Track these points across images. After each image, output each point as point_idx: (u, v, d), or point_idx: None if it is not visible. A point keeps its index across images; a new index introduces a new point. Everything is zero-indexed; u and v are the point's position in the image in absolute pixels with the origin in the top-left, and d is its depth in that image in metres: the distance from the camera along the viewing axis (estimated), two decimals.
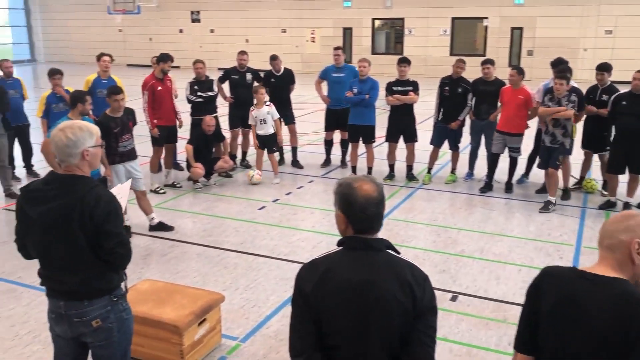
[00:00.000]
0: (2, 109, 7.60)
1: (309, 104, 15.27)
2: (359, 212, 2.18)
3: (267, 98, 8.82)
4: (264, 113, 8.53)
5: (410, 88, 8.20)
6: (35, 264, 5.70)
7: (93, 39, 30.28)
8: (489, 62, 8.29)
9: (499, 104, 8.12)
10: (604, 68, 7.66)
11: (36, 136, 9.06)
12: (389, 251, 2.21)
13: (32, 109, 8.68)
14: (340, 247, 2.24)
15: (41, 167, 9.13)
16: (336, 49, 9.09)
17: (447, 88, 8.28)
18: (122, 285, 2.99)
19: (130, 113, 6.47)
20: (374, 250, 2.19)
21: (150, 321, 3.94)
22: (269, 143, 8.63)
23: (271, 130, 8.62)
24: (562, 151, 7.32)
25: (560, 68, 7.52)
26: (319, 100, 9.68)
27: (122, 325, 2.97)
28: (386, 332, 2.13)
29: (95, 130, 2.85)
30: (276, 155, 8.95)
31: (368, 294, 2.11)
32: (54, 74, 8.21)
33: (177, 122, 8.55)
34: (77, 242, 2.72)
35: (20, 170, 8.97)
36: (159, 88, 8.17)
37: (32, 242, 2.83)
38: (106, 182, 2.69)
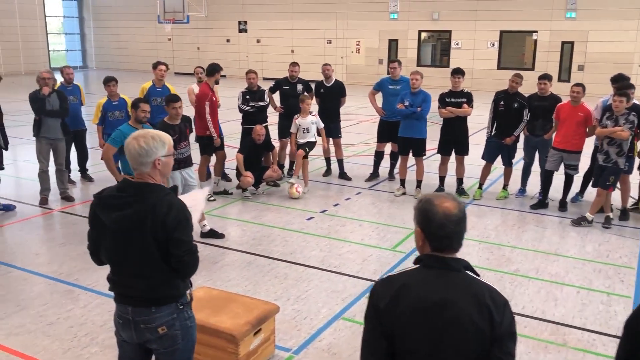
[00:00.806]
0: (63, 114, 7.83)
1: (353, 114, 15.28)
2: (437, 228, 2.14)
3: (314, 108, 8.82)
4: (308, 122, 8.59)
5: (464, 100, 8.09)
6: (91, 267, 5.82)
7: (142, 47, 31.13)
8: (546, 77, 8.10)
9: (554, 120, 7.92)
10: None
11: (91, 141, 9.30)
12: (468, 272, 2.15)
13: (89, 114, 8.93)
14: (417, 265, 2.20)
15: (94, 171, 9.39)
16: (392, 61, 9.06)
17: (502, 103, 8.12)
18: (187, 293, 3.01)
19: (187, 121, 6.58)
20: (452, 270, 2.13)
21: (206, 329, 3.95)
22: (302, 148, 8.65)
23: (312, 140, 8.64)
24: (614, 171, 7.07)
25: (621, 85, 7.29)
26: (362, 111, 9.65)
27: (186, 333, 2.98)
28: (460, 354, 2.07)
29: (168, 140, 2.89)
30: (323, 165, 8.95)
31: (443, 314, 2.06)
32: (109, 81, 8.42)
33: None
34: (149, 248, 2.75)
35: (74, 174, 9.21)
36: (214, 99, 8.28)
37: (105, 248, 2.87)
38: (177, 191, 2.71)
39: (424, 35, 25.06)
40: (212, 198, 8.25)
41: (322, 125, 8.72)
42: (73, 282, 5.59)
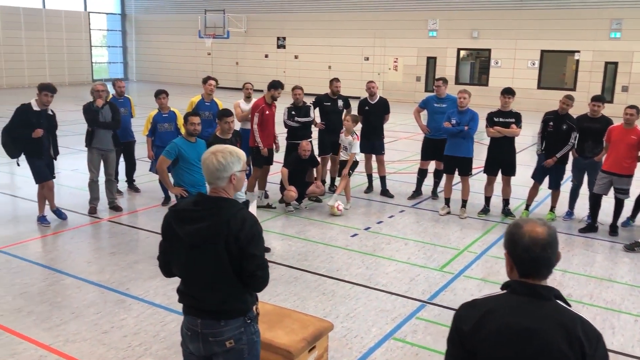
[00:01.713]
0: (115, 126, 8.01)
1: (391, 131, 15.24)
2: (522, 252, 2.10)
3: (356, 129, 8.79)
4: (347, 142, 8.62)
5: (513, 120, 8.00)
6: (141, 277, 5.94)
7: (182, 60, 31.76)
8: (600, 99, 7.95)
9: (604, 142, 7.77)
10: None
11: (139, 153, 9.48)
12: (558, 302, 2.09)
13: (138, 125, 9.11)
14: (504, 291, 2.16)
15: (141, 182, 9.56)
16: (437, 80, 9.02)
17: (551, 123, 8.00)
18: (254, 307, 3.03)
19: (237, 135, 6.66)
20: (541, 298, 2.07)
21: (262, 344, 3.94)
22: (340, 168, 8.67)
23: (355, 159, 8.63)
24: None
25: None
26: (400, 128, 9.63)
27: (252, 347, 2.99)
28: None
29: (243, 155, 2.94)
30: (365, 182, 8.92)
31: (530, 343, 2.01)
32: (160, 93, 8.61)
33: (274, 146, 8.71)
34: (221, 262, 2.78)
35: (121, 184, 9.39)
36: (267, 112, 8.37)
37: (177, 260, 2.91)
38: (249, 205, 2.76)
39: (462, 53, 24.95)
40: (273, 206, 8.46)
41: (354, 150, 8.60)
42: (124, 292, 5.67)
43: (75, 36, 30.72)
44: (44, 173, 7.43)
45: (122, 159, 9.12)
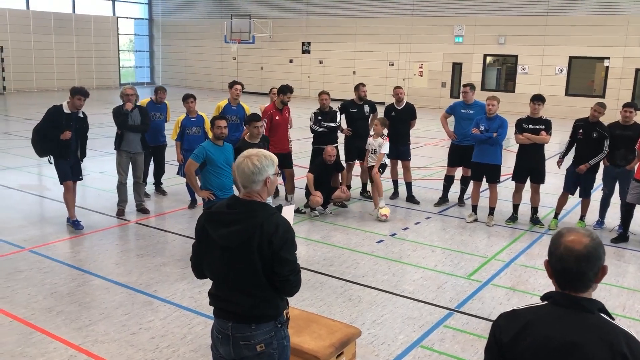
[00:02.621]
0: (144, 129, 8.11)
1: (417, 137, 15.14)
2: (556, 262, 2.06)
3: (385, 131, 8.75)
4: (376, 144, 8.54)
5: (542, 127, 7.88)
6: (168, 279, 5.98)
7: (208, 65, 32.08)
8: (632, 105, 7.80)
9: (637, 150, 7.61)
10: None
11: (168, 156, 9.57)
12: (602, 315, 2.02)
13: (169, 129, 9.19)
14: (545, 302, 2.11)
15: (168, 185, 9.64)
16: (464, 85, 8.95)
17: (581, 131, 7.87)
18: (285, 312, 3.02)
19: (265, 140, 6.69)
20: (584, 311, 2.01)
21: (291, 349, 3.94)
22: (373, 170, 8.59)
23: (383, 162, 8.58)
24: None
25: None
26: (425, 134, 9.56)
27: (282, 352, 2.98)
28: None
29: (276, 159, 2.95)
30: (391, 187, 8.85)
31: (572, 358, 1.95)
32: (188, 97, 8.70)
33: (289, 150, 8.72)
34: (254, 266, 2.78)
35: (149, 187, 9.49)
36: (277, 117, 8.42)
37: (210, 262, 2.92)
38: (281, 210, 2.76)
39: (489, 59, 24.74)
40: (302, 210, 8.46)
41: (385, 150, 8.56)
42: (152, 294, 5.71)
43: (103, 41, 31.25)
44: (64, 173, 7.43)
45: (151, 162, 9.21)
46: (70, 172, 7.49)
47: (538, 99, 7.95)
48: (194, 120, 8.53)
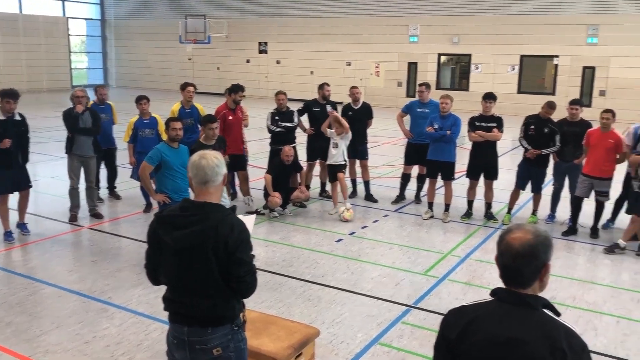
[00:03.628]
0: (95, 132, 7.91)
1: (374, 136, 15.28)
2: (498, 258, 2.11)
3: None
4: (338, 139, 8.57)
5: (494, 124, 8.07)
6: (123, 285, 5.86)
7: (163, 66, 31.56)
8: (578, 102, 8.07)
9: (584, 146, 7.86)
10: None
11: (119, 159, 9.37)
12: (546, 311, 2.06)
13: (116, 132, 9.01)
14: (492, 298, 2.15)
15: (122, 189, 9.45)
16: (420, 85, 9.06)
17: (532, 127, 8.08)
18: (241, 315, 3.00)
19: (221, 141, 6.62)
20: (527, 307, 2.04)
21: (249, 352, 3.90)
22: (337, 170, 8.63)
23: (342, 162, 8.64)
24: None
25: None
26: (383, 133, 9.66)
27: (239, 355, 2.96)
28: None
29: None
30: (349, 186, 8.90)
31: (514, 354, 1.98)
32: (141, 99, 8.53)
33: (244, 151, 8.66)
34: (210, 268, 2.75)
35: (102, 191, 9.27)
36: (230, 117, 8.36)
37: (165, 267, 2.87)
38: (235, 211, 2.75)
39: (443, 58, 25.16)
40: (261, 211, 8.40)
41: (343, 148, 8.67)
42: (107, 300, 5.58)
43: (53, 42, 30.34)
44: (2, 186, 7.00)
45: (102, 166, 9.01)
46: (9, 184, 7.04)
47: (489, 97, 8.13)
48: (147, 122, 8.38)
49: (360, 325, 5.19)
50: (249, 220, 3.61)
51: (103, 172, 9.12)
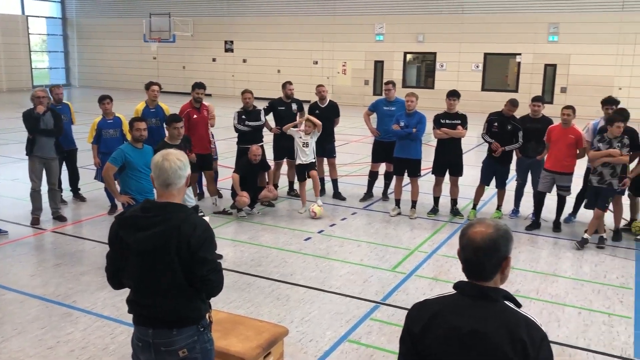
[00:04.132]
0: (57, 133, 7.74)
1: (342, 135, 15.34)
2: (460, 252, 2.15)
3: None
4: (308, 137, 8.60)
5: (459, 122, 8.19)
6: (88, 289, 5.76)
7: (127, 65, 31.06)
8: (540, 99, 8.25)
9: (546, 142, 8.04)
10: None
11: (82, 161, 9.19)
12: (507, 302, 2.10)
13: (79, 132, 8.83)
14: (455, 291, 2.18)
15: (86, 190, 9.27)
16: (387, 83, 9.12)
17: (495, 124, 8.23)
18: (207, 315, 2.98)
19: (187, 140, 6.55)
20: (488, 300, 2.09)
21: (217, 353, 3.87)
22: (309, 169, 8.64)
23: (313, 160, 8.66)
24: (610, 192, 7.20)
25: (620, 109, 7.48)
26: (351, 131, 9.71)
27: (206, 356, 2.94)
28: None
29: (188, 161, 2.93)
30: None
31: (476, 346, 2.02)
32: (104, 99, 8.37)
33: (211, 151, 8.59)
34: (174, 268, 2.73)
35: (66, 193, 9.09)
36: (194, 116, 8.29)
37: (128, 269, 2.83)
38: (198, 210, 2.73)
39: (409, 57, 25.41)
40: (229, 211, 8.39)
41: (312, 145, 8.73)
42: (71, 304, 5.47)
43: (12, 40, 29.55)
44: None
45: (64, 168, 8.82)
46: None
47: (453, 95, 8.25)
48: (111, 122, 8.23)
49: (329, 322, 5.21)
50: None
51: (65, 174, 8.93)
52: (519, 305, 2.11)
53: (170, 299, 2.78)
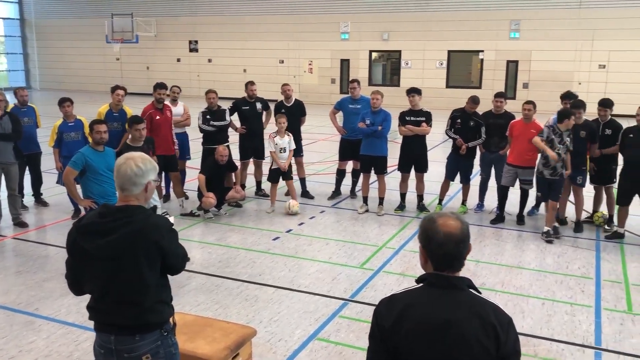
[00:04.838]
0: (15, 138, 7.55)
1: (309, 133, 15.35)
2: (437, 247, 2.17)
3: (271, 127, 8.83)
4: (285, 142, 8.58)
5: (423, 119, 8.28)
6: (51, 296, 5.63)
7: (90, 67, 30.46)
8: (502, 95, 8.40)
9: (508, 137, 8.18)
10: (606, 104, 7.73)
11: (46, 165, 8.98)
12: (471, 291, 2.17)
13: (44, 135, 8.63)
14: (421, 284, 2.21)
15: (49, 195, 9.06)
16: (352, 81, 9.18)
17: (459, 120, 8.34)
18: (171, 319, 2.94)
19: (150, 142, 6.45)
20: (456, 289, 2.15)
21: (184, 356, 3.83)
22: (286, 172, 8.65)
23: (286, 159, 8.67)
24: (562, 183, 7.43)
25: (576, 101, 7.69)
26: (318, 130, 9.73)
27: None
28: None
29: (157, 166, 2.88)
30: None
31: (449, 334, 2.08)
32: (64, 101, 8.19)
33: (175, 152, 8.50)
34: (138, 272, 2.70)
35: (28, 198, 8.87)
36: (157, 117, 8.18)
37: (89, 277, 2.77)
38: (156, 211, 2.70)
39: (374, 55, 25.57)
40: (196, 213, 8.29)
41: (294, 146, 8.74)
42: (33, 312, 5.35)
43: None
44: None
45: (27, 172, 8.60)
46: None
47: (412, 92, 8.35)
48: (72, 125, 8.06)
49: (297, 322, 5.21)
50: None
51: (28, 178, 8.71)
52: (479, 292, 2.19)
53: (132, 304, 2.75)
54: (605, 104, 7.74)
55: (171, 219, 3.58)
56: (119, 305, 2.75)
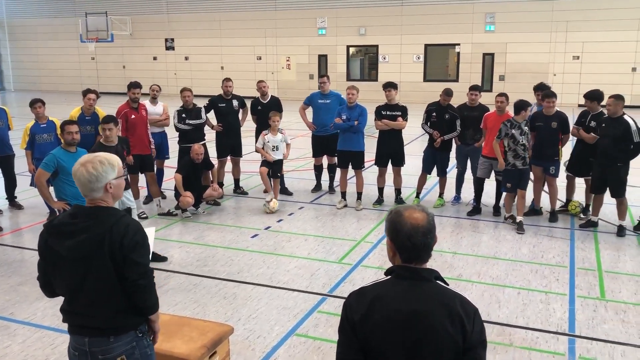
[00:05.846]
0: None
1: (287, 129, 15.32)
2: (405, 240, 2.19)
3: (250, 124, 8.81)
4: (278, 140, 8.56)
5: (399, 113, 8.32)
6: (26, 299, 5.57)
7: (65, 67, 30.05)
8: (476, 88, 8.48)
9: (483, 129, 8.27)
10: (595, 97, 7.80)
11: (20, 167, 8.86)
12: (438, 282, 2.21)
13: (17, 137, 8.50)
14: (389, 277, 2.24)
15: (23, 198, 8.94)
16: (321, 76, 9.20)
17: (434, 114, 8.41)
18: (145, 320, 2.93)
19: (124, 142, 6.40)
20: (423, 281, 2.18)
21: (161, 356, 3.82)
22: (276, 168, 8.64)
23: (280, 157, 8.64)
24: (528, 171, 7.64)
25: (547, 92, 7.80)
26: (296, 126, 9.74)
27: None
28: None
29: (116, 161, 2.82)
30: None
31: (418, 326, 2.11)
32: (35, 103, 8.09)
33: (151, 151, 8.44)
34: (107, 274, 2.68)
35: (1, 201, 8.74)
36: (133, 116, 8.12)
37: (60, 278, 2.75)
38: (131, 213, 2.67)
39: (352, 50, 25.59)
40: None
41: (289, 141, 8.75)
42: (8, 317, 5.28)
43: None
44: None
45: (0, 175, 8.48)
46: None
47: (388, 86, 8.40)
48: (44, 127, 7.96)
49: (276, 318, 5.22)
50: (149, 233, 3.52)
51: (1, 182, 8.58)
52: (447, 283, 2.23)
53: (106, 306, 2.73)
54: (591, 96, 7.80)
55: (150, 231, 3.52)
56: (90, 307, 2.74)
